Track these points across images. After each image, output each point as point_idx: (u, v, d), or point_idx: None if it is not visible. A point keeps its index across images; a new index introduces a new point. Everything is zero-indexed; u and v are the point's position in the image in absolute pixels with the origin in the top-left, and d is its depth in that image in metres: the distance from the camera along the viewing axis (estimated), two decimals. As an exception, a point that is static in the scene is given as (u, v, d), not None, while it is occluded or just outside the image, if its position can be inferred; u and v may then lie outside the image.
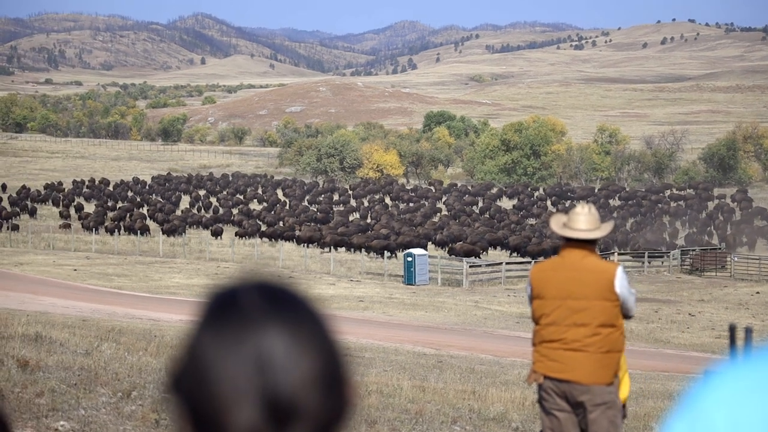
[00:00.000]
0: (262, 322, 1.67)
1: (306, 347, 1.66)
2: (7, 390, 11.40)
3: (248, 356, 1.63)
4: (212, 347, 1.65)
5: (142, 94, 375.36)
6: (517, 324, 39.46)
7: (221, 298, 1.75)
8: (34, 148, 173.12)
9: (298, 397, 1.62)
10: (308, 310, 1.73)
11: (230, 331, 1.66)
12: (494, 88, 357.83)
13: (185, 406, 1.65)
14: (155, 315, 36.79)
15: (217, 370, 1.63)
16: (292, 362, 1.63)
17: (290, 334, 1.66)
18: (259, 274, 1.79)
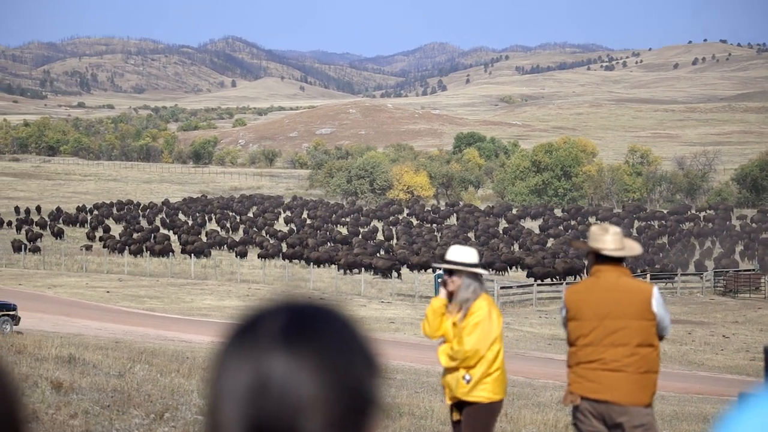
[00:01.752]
0: (269, 346, 1.64)
1: (313, 374, 1.61)
2: (41, 412, 11.43)
3: (244, 379, 1.61)
4: (219, 367, 1.66)
5: (174, 116, 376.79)
6: (549, 345, 39.30)
7: (245, 320, 1.73)
8: (67, 171, 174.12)
9: (291, 426, 1.58)
10: (336, 334, 1.68)
11: (237, 352, 1.65)
12: (524, 109, 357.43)
13: (205, 422, 1.66)
14: (187, 337, 36.86)
15: (216, 390, 1.64)
16: (290, 388, 1.59)
17: (297, 359, 1.62)
18: (294, 296, 1.75)
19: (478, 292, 8.57)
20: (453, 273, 8.61)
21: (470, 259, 8.64)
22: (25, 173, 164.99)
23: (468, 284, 8.61)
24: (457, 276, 8.59)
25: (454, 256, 8.66)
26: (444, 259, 8.68)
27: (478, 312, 8.48)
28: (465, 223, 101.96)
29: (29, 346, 19.48)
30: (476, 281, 8.65)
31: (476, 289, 8.59)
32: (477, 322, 8.46)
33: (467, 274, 8.61)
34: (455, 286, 8.57)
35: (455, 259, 8.63)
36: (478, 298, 8.57)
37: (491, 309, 8.54)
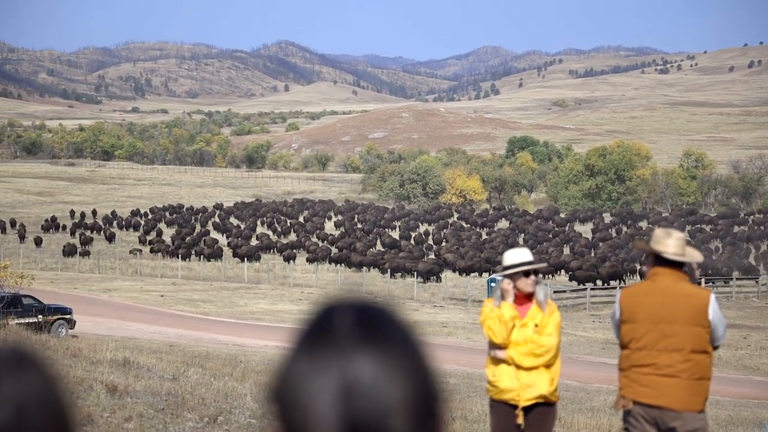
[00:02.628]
0: (352, 347, 1.65)
1: (397, 374, 1.63)
2: (96, 415, 11.53)
3: (334, 382, 1.61)
4: (303, 370, 1.64)
5: (227, 121, 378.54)
6: (603, 350, 39.10)
7: (317, 321, 1.72)
8: (122, 175, 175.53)
9: (383, 426, 1.59)
10: (404, 335, 1.71)
11: (321, 354, 1.65)
12: (578, 112, 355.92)
13: (279, 426, 1.64)
14: (240, 340, 37.01)
15: (304, 393, 1.63)
16: (380, 389, 1.61)
17: (381, 360, 1.64)
18: (357, 297, 1.76)
19: (548, 293, 8.65)
20: (528, 274, 8.59)
21: (531, 258, 8.65)
22: (80, 178, 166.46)
23: (540, 285, 8.66)
24: (531, 277, 8.59)
25: (517, 258, 8.62)
26: (508, 265, 8.63)
27: (555, 313, 8.57)
28: (516, 227, 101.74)
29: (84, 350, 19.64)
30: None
31: (546, 289, 8.66)
32: (557, 323, 8.53)
33: (535, 275, 8.65)
34: (532, 288, 8.55)
35: (522, 260, 8.61)
36: (548, 299, 8.64)
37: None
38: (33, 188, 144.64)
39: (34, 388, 1.55)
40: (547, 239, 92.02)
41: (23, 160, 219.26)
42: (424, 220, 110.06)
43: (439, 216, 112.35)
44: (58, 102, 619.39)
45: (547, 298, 8.59)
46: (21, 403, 1.52)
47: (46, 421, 1.54)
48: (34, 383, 1.55)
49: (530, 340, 8.51)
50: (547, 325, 8.44)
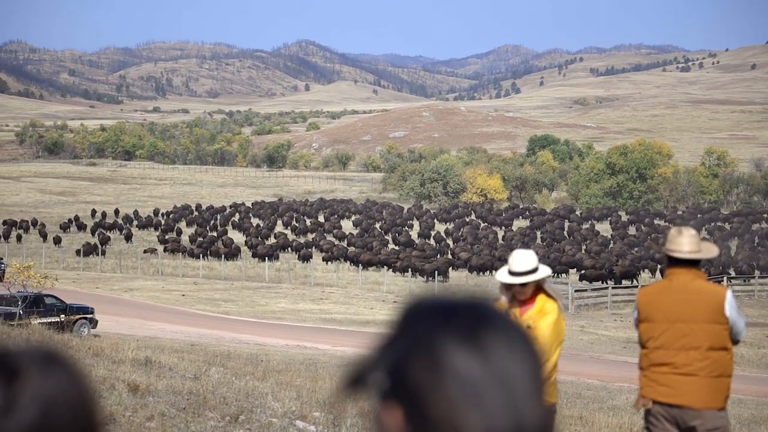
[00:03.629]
0: (512, 344, 1.60)
1: (534, 363, 1.61)
2: (118, 414, 11.57)
3: (499, 375, 1.57)
4: (462, 356, 1.57)
5: (248, 120, 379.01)
6: (624, 349, 39.02)
7: (470, 307, 1.66)
8: (143, 175, 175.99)
9: (542, 421, 1.56)
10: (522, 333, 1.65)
11: (484, 344, 1.57)
12: (599, 111, 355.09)
13: (410, 400, 1.56)
14: (261, 340, 37.07)
15: (462, 379, 1.55)
16: (534, 390, 1.58)
17: (530, 360, 1.60)
18: (450, 291, 1.72)
19: (556, 291, 8.46)
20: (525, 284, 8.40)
21: (534, 265, 8.41)
22: (101, 177, 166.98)
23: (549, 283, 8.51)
24: (528, 287, 8.39)
25: (520, 266, 8.39)
26: (512, 272, 8.42)
27: (549, 315, 8.28)
28: (533, 225, 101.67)
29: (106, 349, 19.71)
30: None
31: (553, 287, 8.47)
32: (551, 322, 8.31)
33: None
34: (526, 296, 8.39)
35: (523, 269, 8.39)
36: (551, 296, 8.42)
37: (560, 312, 8.41)
38: (55, 188, 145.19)
39: (61, 387, 1.56)
40: (564, 238, 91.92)
41: (45, 160, 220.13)
42: (442, 219, 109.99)
43: (456, 215, 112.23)
44: (80, 102, 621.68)
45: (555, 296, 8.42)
46: (48, 402, 1.53)
47: (73, 419, 1.55)
48: (61, 382, 1.56)
49: None
50: (537, 327, 8.30)
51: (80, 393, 1.59)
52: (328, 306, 54.33)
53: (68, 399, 1.56)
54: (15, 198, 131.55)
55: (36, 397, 1.53)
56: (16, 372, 1.54)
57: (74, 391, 1.58)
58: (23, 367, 1.54)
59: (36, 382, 1.54)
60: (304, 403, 13.92)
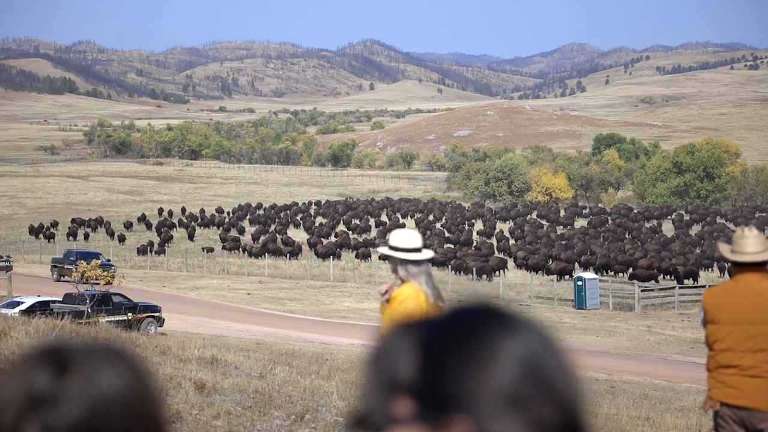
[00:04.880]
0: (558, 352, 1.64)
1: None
2: (185, 412, 11.63)
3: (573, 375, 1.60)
4: (554, 359, 1.61)
5: (312, 120, 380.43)
6: (692, 349, 38.64)
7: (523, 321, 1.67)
8: (209, 174, 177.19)
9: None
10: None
11: (510, 344, 1.58)
12: (665, 109, 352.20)
13: (524, 412, 1.50)
14: (326, 338, 37.15)
15: (561, 383, 1.57)
16: (571, 376, 1.62)
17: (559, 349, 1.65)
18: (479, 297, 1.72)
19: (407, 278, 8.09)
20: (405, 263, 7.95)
21: (418, 245, 8.15)
22: (168, 177, 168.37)
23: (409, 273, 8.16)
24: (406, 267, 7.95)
25: (403, 242, 8.13)
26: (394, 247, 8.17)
27: (400, 306, 7.85)
28: (593, 224, 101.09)
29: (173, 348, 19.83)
30: (403, 267, 8.19)
31: (403, 274, 8.11)
32: (402, 311, 8.02)
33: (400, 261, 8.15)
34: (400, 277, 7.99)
35: (407, 246, 8.13)
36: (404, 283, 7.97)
37: (418, 296, 8.07)
38: (122, 187, 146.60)
39: (116, 386, 1.54)
40: (624, 237, 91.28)
41: (113, 160, 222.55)
42: (502, 218, 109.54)
43: (516, 213, 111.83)
44: (147, 102, 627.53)
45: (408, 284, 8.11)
46: (98, 399, 1.52)
47: (128, 419, 1.53)
48: (117, 380, 1.54)
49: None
50: (395, 306, 8.08)
51: (139, 393, 1.57)
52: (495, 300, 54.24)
53: (124, 398, 1.54)
54: (83, 197, 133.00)
55: (84, 394, 1.52)
56: (66, 366, 1.52)
57: (132, 390, 1.55)
58: (76, 362, 1.53)
59: (86, 379, 1.52)
60: (369, 402, 13.88)
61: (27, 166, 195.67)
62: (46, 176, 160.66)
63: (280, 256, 79.11)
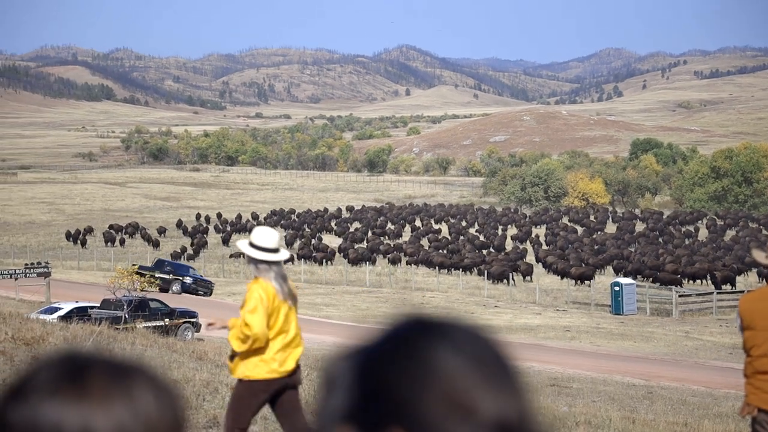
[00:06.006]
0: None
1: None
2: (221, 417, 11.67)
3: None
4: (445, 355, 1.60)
5: (349, 126, 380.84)
6: (730, 355, 38.42)
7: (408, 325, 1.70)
8: (245, 180, 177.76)
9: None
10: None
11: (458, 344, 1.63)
12: (703, 114, 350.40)
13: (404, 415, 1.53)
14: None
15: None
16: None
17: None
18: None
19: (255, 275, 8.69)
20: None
21: (273, 246, 8.58)
22: (204, 183, 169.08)
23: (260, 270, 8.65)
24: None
25: (265, 242, 8.63)
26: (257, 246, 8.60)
27: (249, 293, 8.57)
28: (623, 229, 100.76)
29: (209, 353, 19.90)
30: (253, 264, 8.63)
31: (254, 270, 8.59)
32: (255, 305, 8.46)
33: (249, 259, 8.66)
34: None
35: (267, 246, 8.61)
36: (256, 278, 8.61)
37: (261, 292, 8.50)
38: (160, 193, 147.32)
39: (138, 409, 1.49)
40: (657, 242, 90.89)
41: (150, 166, 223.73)
42: (534, 223, 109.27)
43: (549, 218, 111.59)
44: (184, 108, 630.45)
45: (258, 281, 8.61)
46: (124, 423, 1.47)
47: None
48: (139, 402, 1.50)
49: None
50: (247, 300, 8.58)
51: (168, 400, 1.54)
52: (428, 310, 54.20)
53: (148, 419, 1.49)
54: (121, 203, 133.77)
55: (112, 423, 1.47)
56: (88, 390, 1.50)
57: (156, 414, 1.50)
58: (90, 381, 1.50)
59: (115, 406, 1.48)
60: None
61: (65, 172, 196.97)
62: (84, 183, 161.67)
63: (311, 261, 79.44)
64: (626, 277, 62.34)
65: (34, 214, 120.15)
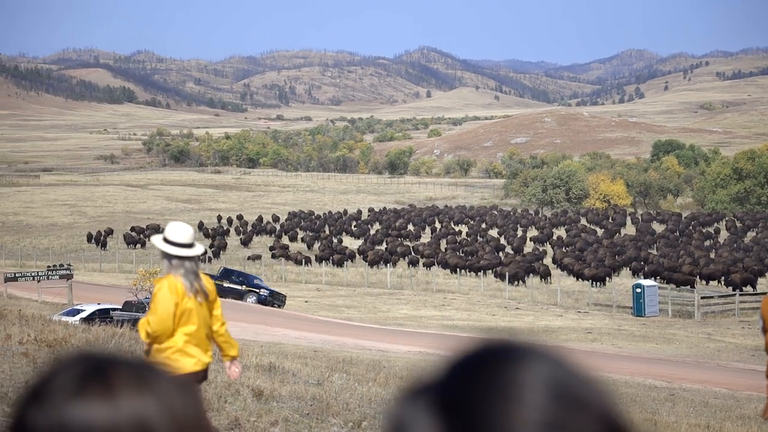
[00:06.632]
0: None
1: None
2: (243, 419, 11.70)
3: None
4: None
5: (369, 128, 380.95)
6: (753, 357, 38.26)
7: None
8: (266, 182, 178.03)
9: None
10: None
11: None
12: (725, 115, 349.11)
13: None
14: (383, 346, 37.14)
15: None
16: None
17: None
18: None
19: (165, 272, 8.72)
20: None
21: (184, 239, 8.59)
22: (226, 185, 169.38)
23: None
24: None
25: (178, 236, 8.59)
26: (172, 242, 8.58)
27: (156, 290, 8.63)
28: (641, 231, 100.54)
29: (231, 354, 19.89)
30: (167, 259, 8.61)
31: (167, 266, 8.60)
32: (158, 302, 8.51)
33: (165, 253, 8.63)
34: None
35: (181, 241, 8.59)
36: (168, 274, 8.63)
37: (167, 289, 8.51)
38: (181, 196, 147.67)
39: (155, 408, 1.50)
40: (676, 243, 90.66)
41: (171, 168, 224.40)
42: (553, 224, 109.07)
43: (568, 220, 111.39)
44: (205, 111, 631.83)
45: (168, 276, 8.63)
46: (143, 422, 1.49)
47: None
48: (155, 403, 1.51)
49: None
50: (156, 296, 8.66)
51: (188, 400, 1.54)
52: (449, 312, 54.28)
53: (163, 420, 1.50)
54: (142, 205, 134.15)
55: (138, 418, 1.48)
56: (112, 388, 1.50)
57: (170, 412, 1.51)
58: (120, 383, 1.51)
59: (135, 402, 1.49)
60: (426, 409, 13.88)
61: (87, 175, 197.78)
62: (106, 185, 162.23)
63: (329, 263, 79.70)
64: (646, 279, 62.19)
65: (57, 217, 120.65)
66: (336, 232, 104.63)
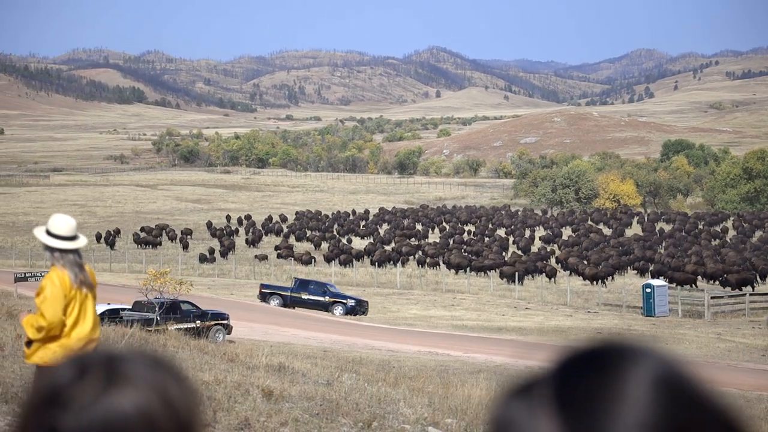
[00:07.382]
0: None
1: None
2: (253, 419, 11.70)
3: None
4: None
5: (379, 128, 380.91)
6: (763, 357, 38.22)
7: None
8: (276, 182, 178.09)
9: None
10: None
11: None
12: (735, 115, 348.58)
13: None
14: (393, 346, 37.15)
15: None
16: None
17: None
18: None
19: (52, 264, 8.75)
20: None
21: (67, 232, 8.57)
22: (235, 185, 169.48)
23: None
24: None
25: (62, 229, 8.54)
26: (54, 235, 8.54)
27: (44, 282, 8.58)
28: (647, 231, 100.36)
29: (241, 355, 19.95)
30: (50, 252, 8.59)
31: (51, 258, 8.57)
32: (48, 294, 8.48)
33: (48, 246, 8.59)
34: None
35: (65, 234, 8.54)
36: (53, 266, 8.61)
37: (55, 280, 8.50)
38: (191, 196, 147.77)
39: (163, 391, 1.52)
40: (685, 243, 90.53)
41: (181, 168, 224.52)
42: (561, 224, 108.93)
43: (575, 220, 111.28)
44: (215, 111, 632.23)
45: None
46: (114, 411, 1.51)
47: (170, 424, 1.52)
48: (164, 386, 1.53)
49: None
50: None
51: (172, 409, 1.55)
52: (459, 312, 54.26)
53: (149, 414, 1.53)
54: (152, 205, 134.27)
55: (98, 403, 1.49)
56: (91, 371, 1.53)
57: (165, 406, 1.54)
58: (128, 374, 1.54)
59: (103, 388, 1.52)
60: (436, 409, 13.91)
61: (97, 175, 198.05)
62: (116, 185, 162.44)
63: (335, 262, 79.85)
64: (652, 279, 62.11)
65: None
66: (344, 232, 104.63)
